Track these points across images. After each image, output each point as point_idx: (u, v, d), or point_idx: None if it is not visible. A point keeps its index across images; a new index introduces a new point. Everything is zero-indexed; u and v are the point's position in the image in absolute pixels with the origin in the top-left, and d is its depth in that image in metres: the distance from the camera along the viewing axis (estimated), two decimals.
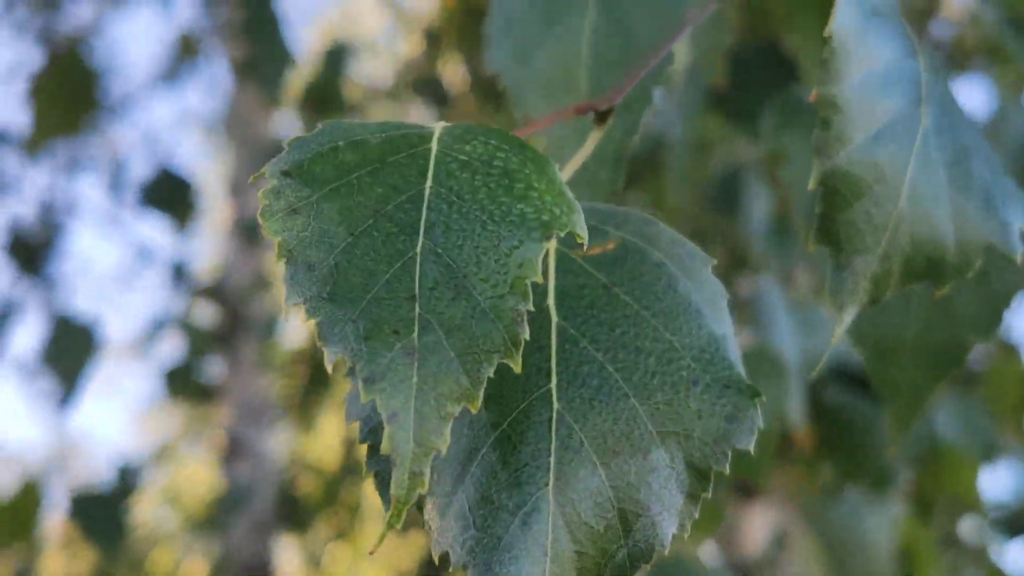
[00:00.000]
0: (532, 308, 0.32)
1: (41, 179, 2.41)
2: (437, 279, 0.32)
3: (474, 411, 0.31)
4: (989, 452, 1.52)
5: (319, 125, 0.36)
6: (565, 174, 0.44)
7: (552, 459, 0.37)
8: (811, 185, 0.44)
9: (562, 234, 0.34)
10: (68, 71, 1.74)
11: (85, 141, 2.47)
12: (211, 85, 3.16)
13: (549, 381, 0.39)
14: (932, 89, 0.47)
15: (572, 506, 0.37)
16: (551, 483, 0.37)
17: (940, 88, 0.48)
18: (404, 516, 0.31)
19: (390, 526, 0.31)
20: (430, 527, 0.37)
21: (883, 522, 1.23)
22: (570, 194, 0.36)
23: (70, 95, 1.74)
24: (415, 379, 0.31)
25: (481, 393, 0.31)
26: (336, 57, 2.18)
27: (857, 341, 0.69)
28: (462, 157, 0.35)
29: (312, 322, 0.32)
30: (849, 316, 0.45)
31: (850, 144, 0.44)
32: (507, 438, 0.37)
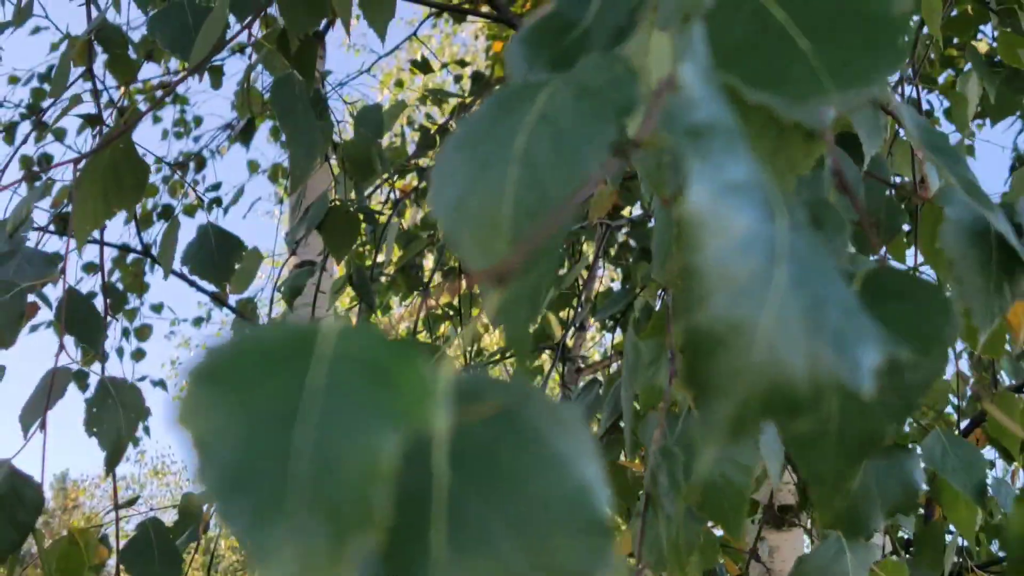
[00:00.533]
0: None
1: None
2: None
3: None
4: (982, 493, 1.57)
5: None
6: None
7: None
8: (676, 345, 0.51)
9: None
10: (118, 160, 1.65)
11: None
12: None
13: (432, 530, 0.46)
14: (792, 247, 0.54)
15: None
16: None
17: (803, 243, 0.55)
18: None
19: None
20: None
21: (860, 563, 1.29)
22: (437, 388, 0.43)
23: (116, 186, 1.65)
24: None
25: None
26: (367, 119, 2.22)
27: (785, 438, 0.76)
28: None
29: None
30: (710, 453, 0.52)
31: (709, 304, 0.51)
32: None
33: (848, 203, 0.91)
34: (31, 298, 1.58)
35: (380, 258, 2.66)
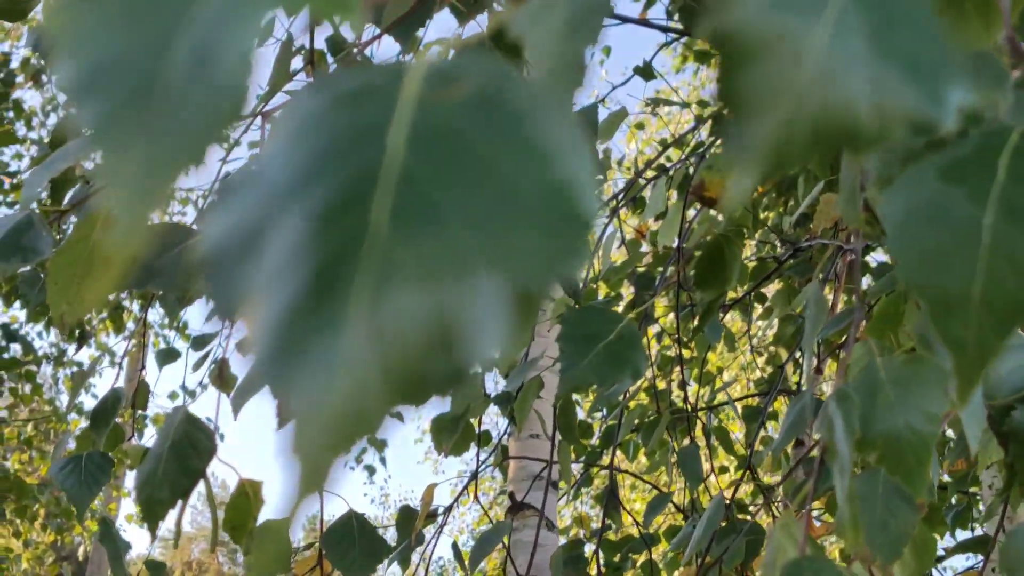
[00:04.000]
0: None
1: None
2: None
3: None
4: None
5: None
6: None
7: (370, 276, 0.38)
8: (700, 40, 0.44)
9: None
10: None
11: None
12: None
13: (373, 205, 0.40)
14: None
15: (387, 320, 0.38)
16: (365, 298, 0.38)
17: None
18: None
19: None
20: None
21: None
22: None
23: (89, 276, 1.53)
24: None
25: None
26: (582, 118, 2.21)
27: (918, 293, 0.66)
28: None
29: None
30: (744, 179, 0.44)
31: (745, 4, 0.44)
32: (322, 260, 0.39)
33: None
34: None
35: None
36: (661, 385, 3.44)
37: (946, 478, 2.59)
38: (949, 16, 0.84)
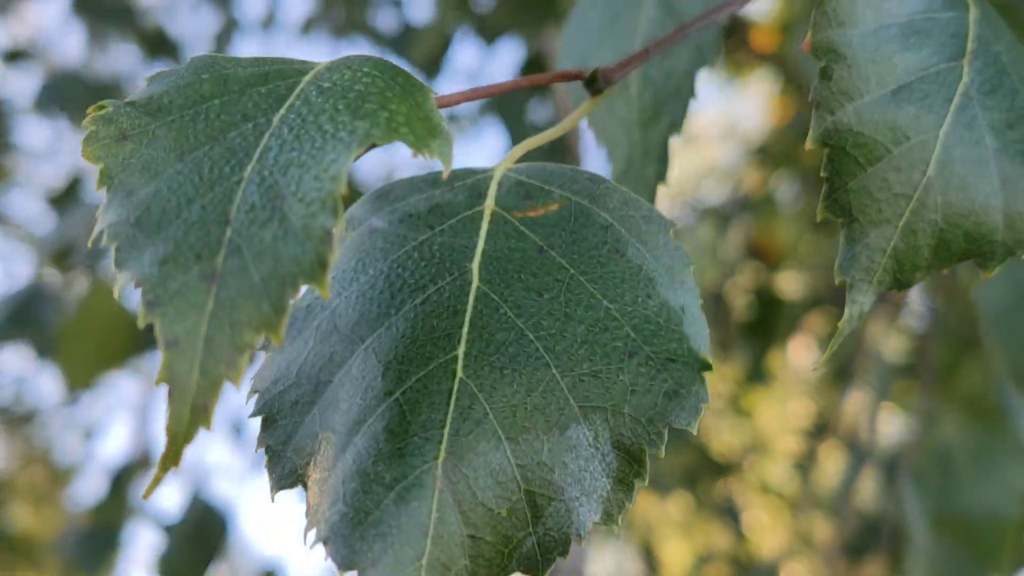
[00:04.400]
0: (341, 226, 0.29)
1: None
2: (255, 203, 0.29)
3: (276, 342, 0.28)
4: None
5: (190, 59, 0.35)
6: (529, 146, 0.41)
7: (446, 431, 0.33)
8: (808, 145, 0.39)
9: (422, 155, 0.31)
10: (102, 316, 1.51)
11: None
12: None
13: (457, 348, 0.35)
14: (984, 44, 0.41)
15: (466, 483, 0.33)
16: (441, 456, 0.33)
17: (1000, 44, 0.42)
18: (182, 456, 0.28)
19: (164, 467, 0.28)
20: (308, 506, 0.34)
21: None
22: (441, 122, 0.32)
23: (104, 344, 1.51)
24: (211, 305, 0.28)
25: (284, 321, 0.28)
26: None
27: (1017, 384, 0.61)
28: (325, 84, 0.32)
29: (112, 249, 0.30)
30: (863, 297, 0.39)
31: (860, 99, 0.39)
32: (399, 407, 0.34)
33: None
34: None
35: None
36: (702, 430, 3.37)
37: None
38: None
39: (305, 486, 0.34)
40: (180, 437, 0.28)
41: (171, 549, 1.59)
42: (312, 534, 0.33)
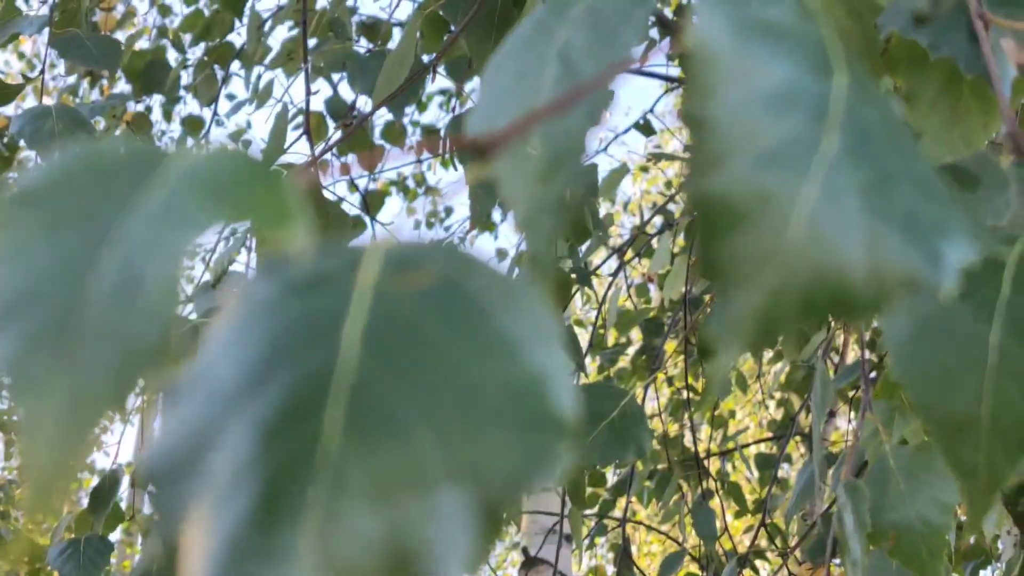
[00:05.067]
0: (178, 308, 0.30)
1: None
2: (113, 284, 0.31)
3: (122, 417, 0.30)
4: None
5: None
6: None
7: (322, 497, 0.35)
8: (687, 210, 0.41)
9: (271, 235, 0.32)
10: None
11: None
12: None
13: (333, 413, 0.36)
14: (852, 109, 0.43)
15: (338, 547, 0.34)
16: (317, 524, 0.35)
17: (870, 109, 0.44)
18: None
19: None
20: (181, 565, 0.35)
21: None
22: (295, 203, 0.34)
23: None
24: (64, 387, 0.30)
25: (126, 398, 0.30)
26: (582, 176, 2.16)
27: (925, 417, 0.63)
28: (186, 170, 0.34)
29: None
30: (727, 357, 0.41)
31: (725, 165, 0.41)
32: (272, 475, 0.35)
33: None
34: None
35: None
36: (673, 431, 3.40)
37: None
38: (947, 108, 0.81)
39: (178, 554, 0.36)
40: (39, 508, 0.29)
41: (148, 567, 1.56)
42: None
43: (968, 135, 0.81)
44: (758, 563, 2.90)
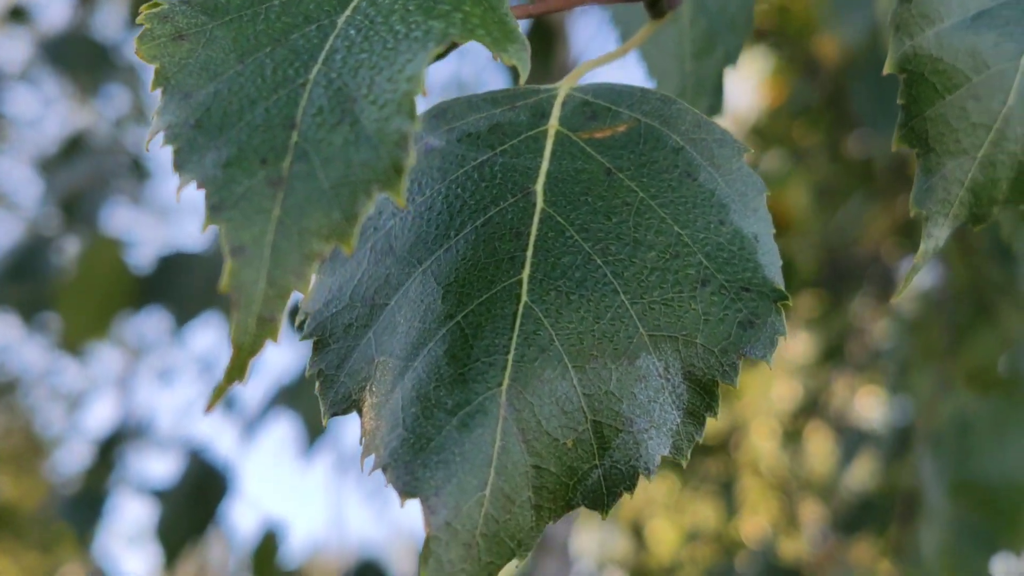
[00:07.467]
0: (417, 128, 0.27)
1: None
2: (323, 106, 0.28)
3: (347, 251, 0.26)
4: None
5: None
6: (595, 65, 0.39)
7: (510, 356, 0.32)
8: (887, 69, 0.37)
9: (500, 58, 0.29)
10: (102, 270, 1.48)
11: None
12: None
13: (521, 271, 0.33)
14: None
15: (531, 412, 0.31)
16: (505, 383, 0.31)
17: None
18: (248, 369, 0.26)
19: (229, 379, 0.26)
20: (364, 431, 0.32)
21: None
22: (517, 27, 0.30)
23: (105, 299, 1.48)
24: (277, 211, 0.26)
25: (356, 231, 0.26)
26: None
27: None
28: None
29: (172, 150, 0.28)
30: (938, 231, 0.37)
31: (940, 24, 0.37)
32: (460, 331, 0.32)
33: None
34: None
35: None
36: None
37: None
38: None
39: (360, 411, 0.33)
40: (246, 348, 0.26)
41: (168, 511, 1.56)
42: (370, 460, 0.31)
43: None
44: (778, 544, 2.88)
